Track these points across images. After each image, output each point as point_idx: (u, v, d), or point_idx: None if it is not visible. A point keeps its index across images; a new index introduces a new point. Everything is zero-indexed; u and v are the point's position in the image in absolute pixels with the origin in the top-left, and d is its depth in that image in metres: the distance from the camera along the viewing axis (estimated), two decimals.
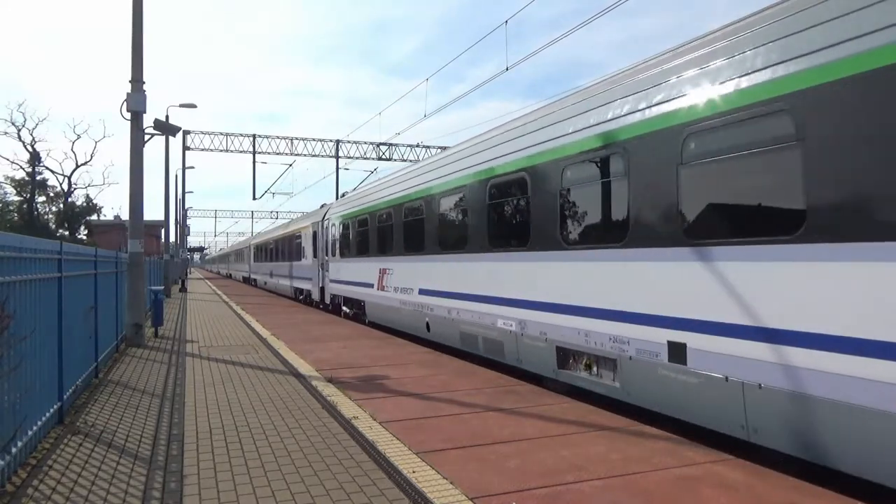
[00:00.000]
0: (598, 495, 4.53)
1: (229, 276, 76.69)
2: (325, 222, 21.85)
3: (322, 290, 22.34)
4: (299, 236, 26.98)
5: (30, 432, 5.45)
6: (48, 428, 6.18)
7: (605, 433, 6.08)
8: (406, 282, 13.35)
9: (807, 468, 5.15)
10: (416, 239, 12.78)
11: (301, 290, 27.35)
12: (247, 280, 53.86)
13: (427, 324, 12.30)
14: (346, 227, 18.73)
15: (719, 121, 5.61)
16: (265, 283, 40.77)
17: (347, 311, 19.19)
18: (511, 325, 9.20)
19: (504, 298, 9.42)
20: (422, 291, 12.50)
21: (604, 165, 7.22)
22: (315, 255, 23.38)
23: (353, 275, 17.80)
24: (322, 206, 25.65)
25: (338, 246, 19.70)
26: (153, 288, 17.75)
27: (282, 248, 32.47)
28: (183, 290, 36.91)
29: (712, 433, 5.97)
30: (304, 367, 10.02)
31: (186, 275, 49.72)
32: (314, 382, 8.76)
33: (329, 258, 21.06)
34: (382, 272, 14.95)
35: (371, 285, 15.93)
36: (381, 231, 15.22)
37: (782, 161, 5.05)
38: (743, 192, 5.46)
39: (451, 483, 4.78)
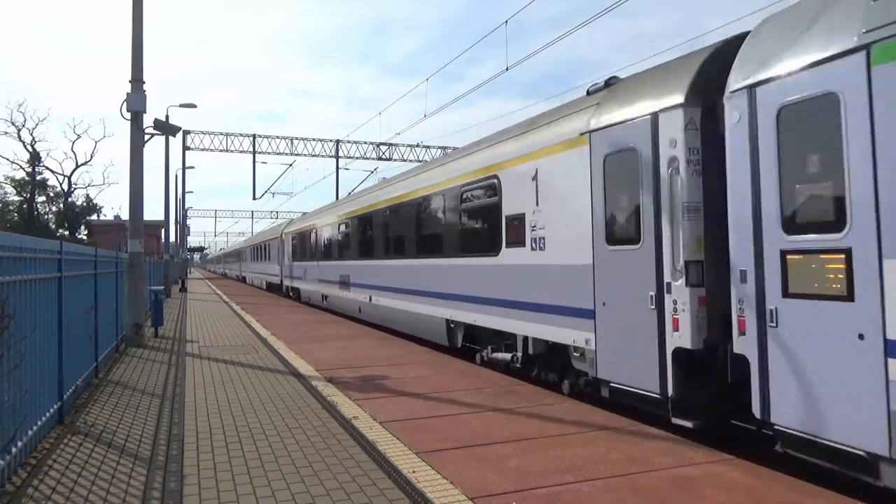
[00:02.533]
0: (598, 495, 4.53)
1: (242, 280, 57.73)
2: None
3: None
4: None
5: (30, 432, 5.45)
6: (48, 428, 6.18)
7: (605, 433, 6.08)
8: None
9: (807, 468, 5.16)
10: None
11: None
12: (275, 287, 35.04)
13: None
14: None
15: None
16: (340, 299, 19.74)
17: None
18: None
19: None
20: None
21: None
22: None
23: None
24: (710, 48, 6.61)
25: None
26: (153, 288, 17.76)
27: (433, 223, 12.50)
28: (183, 290, 36.90)
29: (712, 434, 5.98)
30: (304, 367, 10.02)
31: (186, 275, 49.64)
32: (314, 382, 8.76)
33: None
34: None
35: None
36: None
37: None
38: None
39: (451, 483, 4.78)
